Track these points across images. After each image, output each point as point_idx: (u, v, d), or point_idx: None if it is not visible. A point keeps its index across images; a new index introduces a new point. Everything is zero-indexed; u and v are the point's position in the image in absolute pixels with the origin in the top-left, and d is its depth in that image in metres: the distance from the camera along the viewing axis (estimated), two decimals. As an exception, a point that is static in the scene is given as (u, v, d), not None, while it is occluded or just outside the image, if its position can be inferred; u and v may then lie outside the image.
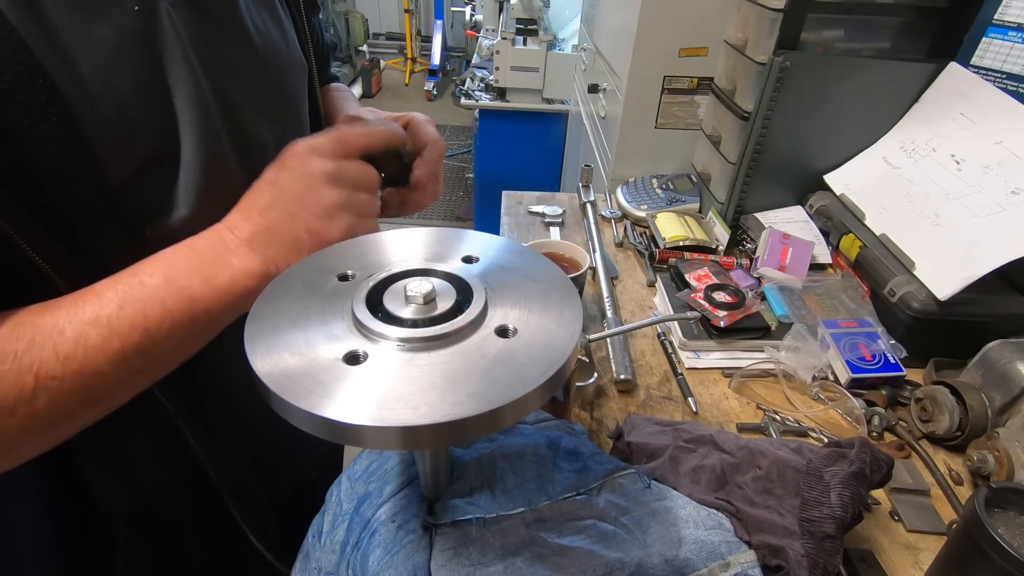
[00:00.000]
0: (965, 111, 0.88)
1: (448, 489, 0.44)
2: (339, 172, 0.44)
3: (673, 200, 1.16)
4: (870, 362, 0.76)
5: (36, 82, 0.37)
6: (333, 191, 0.43)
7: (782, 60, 0.90)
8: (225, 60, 0.49)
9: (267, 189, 0.44)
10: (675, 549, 0.43)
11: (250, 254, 0.42)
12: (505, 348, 0.33)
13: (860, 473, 0.51)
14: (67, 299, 0.39)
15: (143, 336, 0.39)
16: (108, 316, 0.38)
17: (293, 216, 0.42)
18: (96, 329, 0.38)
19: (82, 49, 0.39)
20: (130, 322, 0.38)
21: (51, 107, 0.38)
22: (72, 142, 0.39)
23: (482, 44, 2.98)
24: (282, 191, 0.43)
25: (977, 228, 0.78)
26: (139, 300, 0.39)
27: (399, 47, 5.68)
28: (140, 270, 0.40)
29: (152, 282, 0.40)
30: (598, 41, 1.68)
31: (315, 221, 0.43)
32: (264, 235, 0.42)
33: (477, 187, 2.81)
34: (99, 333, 0.38)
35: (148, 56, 0.43)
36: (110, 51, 0.41)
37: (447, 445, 0.43)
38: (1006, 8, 0.86)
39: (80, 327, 0.37)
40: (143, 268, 0.41)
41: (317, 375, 0.31)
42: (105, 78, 0.40)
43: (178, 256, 0.42)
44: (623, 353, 0.78)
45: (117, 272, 0.40)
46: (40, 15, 0.38)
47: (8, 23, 0.36)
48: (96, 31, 0.40)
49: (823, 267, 0.96)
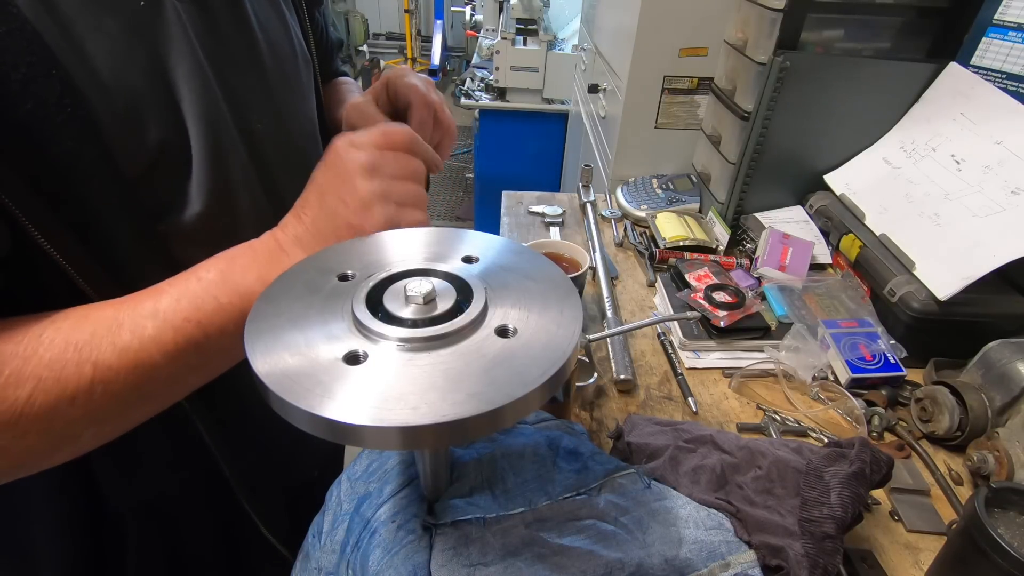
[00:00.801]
0: (965, 111, 0.88)
1: (448, 489, 0.44)
2: (375, 163, 0.44)
3: (673, 200, 1.16)
4: (870, 362, 0.76)
5: (50, 73, 0.37)
6: (368, 183, 0.43)
7: (782, 60, 0.90)
8: (230, 54, 0.49)
9: (311, 188, 0.45)
10: (675, 549, 0.43)
11: (301, 253, 0.43)
12: (505, 348, 0.33)
13: (860, 473, 0.51)
14: (133, 295, 0.40)
15: (196, 329, 0.39)
16: (164, 309, 0.39)
17: (332, 212, 0.43)
18: (152, 321, 0.38)
19: (94, 41, 0.39)
20: (184, 315, 0.39)
21: (65, 99, 0.38)
22: (87, 134, 0.39)
23: (482, 44, 2.98)
24: (321, 188, 0.44)
25: (977, 228, 0.78)
26: (194, 294, 0.40)
27: (399, 47, 5.68)
28: (200, 267, 0.42)
29: (209, 277, 0.41)
30: (598, 41, 1.68)
31: (352, 215, 0.43)
32: (311, 233, 0.43)
33: (477, 187, 2.81)
34: (154, 325, 0.38)
35: (155, 49, 0.43)
36: (119, 43, 0.41)
37: (447, 445, 0.43)
38: (1006, 8, 0.86)
39: (137, 319, 0.38)
40: (203, 265, 0.42)
41: (317, 375, 0.31)
42: (116, 70, 0.40)
43: (236, 255, 0.43)
44: (623, 353, 0.78)
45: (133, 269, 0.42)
46: (52, 7, 0.38)
47: (21, 14, 0.36)
48: (105, 23, 0.40)
49: (823, 267, 0.96)
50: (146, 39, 0.42)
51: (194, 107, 0.45)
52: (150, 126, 0.43)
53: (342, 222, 0.43)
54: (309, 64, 0.62)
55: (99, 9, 0.40)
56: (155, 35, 0.43)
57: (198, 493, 0.60)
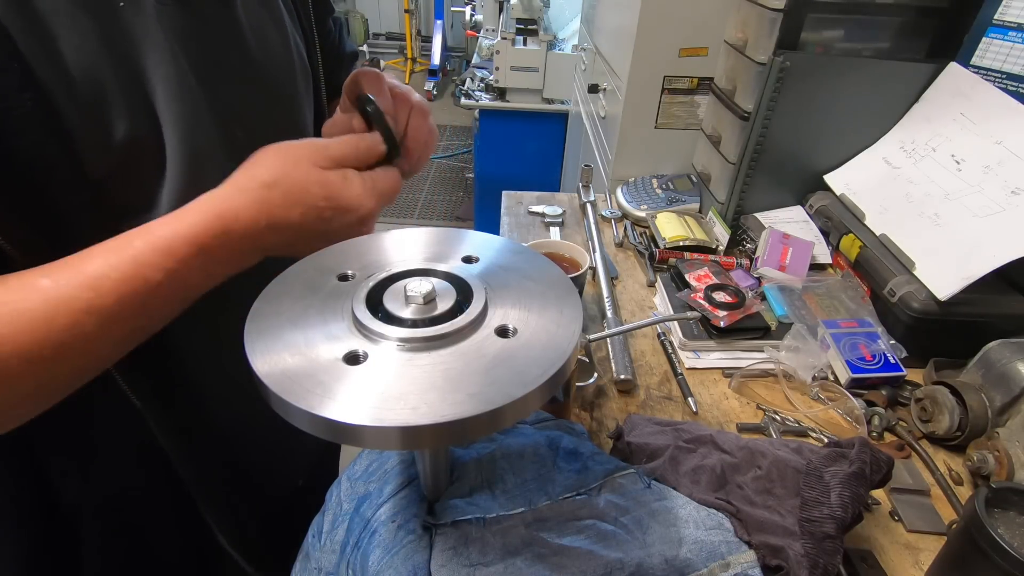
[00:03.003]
0: (965, 111, 0.88)
1: (448, 489, 0.44)
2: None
3: (673, 200, 1.16)
4: (870, 362, 0.76)
5: (12, 67, 0.38)
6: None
7: (782, 60, 0.90)
8: (217, 61, 0.49)
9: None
10: (675, 549, 0.43)
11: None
12: (505, 348, 0.33)
13: (860, 473, 0.51)
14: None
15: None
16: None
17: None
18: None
19: (66, 38, 0.40)
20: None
21: (25, 92, 0.38)
22: (50, 129, 0.40)
23: (482, 44, 2.98)
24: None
25: (977, 228, 0.78)
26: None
27: (399, 47, 5.67)
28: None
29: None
30: (598, 41, 1.68)
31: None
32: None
33: (477, 187, 2.81)
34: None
35: (130, 50, 0.43)
36: (90, 41, 0.41)
37: (447, 445, 0.43)
38: (1006, 8, 0.86)
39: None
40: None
41: (317, 375, 0.31)
42: (84, 66, 0.40)
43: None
44: (623, 353, 0.78)
45: None
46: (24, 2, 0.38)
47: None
48: (81, 21, 0.40)
49: (823, 267, 0.96)
50: (122, 39, 0.42)
51: (171, 110, 0.45)
52: (117, 123, 0.43)
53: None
54: (309, 76, 0.61)
55: (75, 8, 0.40)
56: (132, 36, 0.43)
57: (163, 499, 0.60)
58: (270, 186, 0.42)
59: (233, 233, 0.41)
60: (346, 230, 0.45)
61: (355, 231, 0.45)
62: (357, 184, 0.45)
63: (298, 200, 0.42)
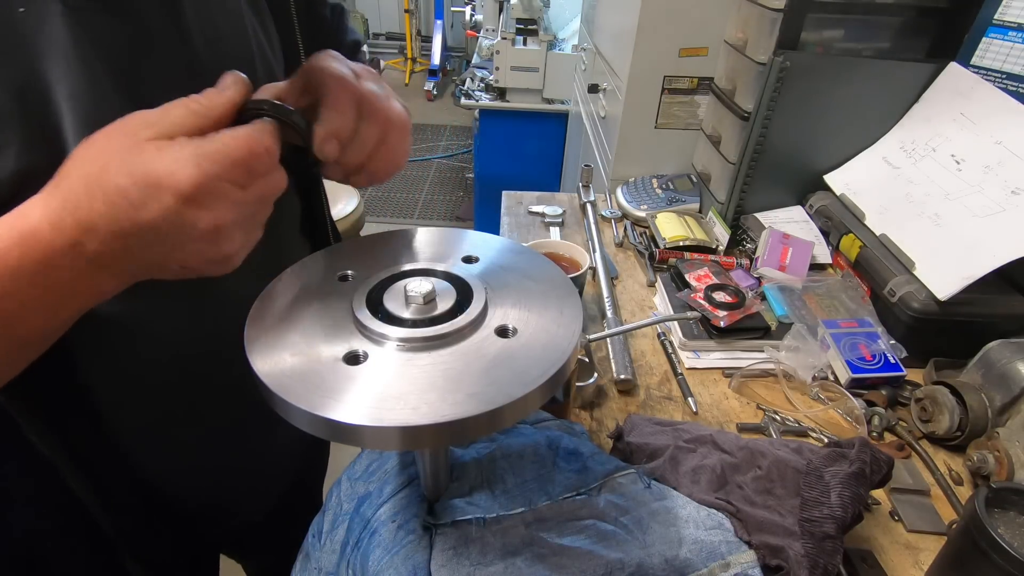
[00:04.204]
0: (965, 111, 0.88)
1: (448, 489, 0.44)
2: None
3: (673, 200, 1.16)
4: (870, 362, 0.76)
5: None
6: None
7: (782, 60, 0.90)
8: (150, 66, 0.42)
9: None
10: (675, 549, 0.44)
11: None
12: (505, 348, 0.33)
13: (860, 473, 0.51)
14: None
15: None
16: None
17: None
18: None
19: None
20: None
21: None
22: None
23: (482, 44, 2.97)
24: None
25: (977, 228, 0.78)
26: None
27: (399, 47, 5.67)
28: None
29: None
30: (598, 41, 1.68)
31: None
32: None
33: (477, 187, 2.81)
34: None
35: (31, 64, 0.37)
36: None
37: (447, 445, 0.43)
38: (1006, 8, 0.86)
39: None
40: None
41: (317, 375, 0.31)
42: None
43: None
44: (623, 353, 0.78)
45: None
46: None
47: None
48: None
49: (823, 267, 0.96)
50: (19, 52, 0.36)
51: (81, 131, 0.38)
52: (7, 153, 0.37)
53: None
54: (273, 70, 0.53)
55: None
56: (33, 48, 0.37)
57: (77, 545, 0.53)
58: (68, 176, 0.34)
59: (36, 251, 0.33)
60: (175, 219, 0.33)
61: (188, 224, 0.33)
62: (170, 151, 0.33)
63: (98, 183, 0.33)
